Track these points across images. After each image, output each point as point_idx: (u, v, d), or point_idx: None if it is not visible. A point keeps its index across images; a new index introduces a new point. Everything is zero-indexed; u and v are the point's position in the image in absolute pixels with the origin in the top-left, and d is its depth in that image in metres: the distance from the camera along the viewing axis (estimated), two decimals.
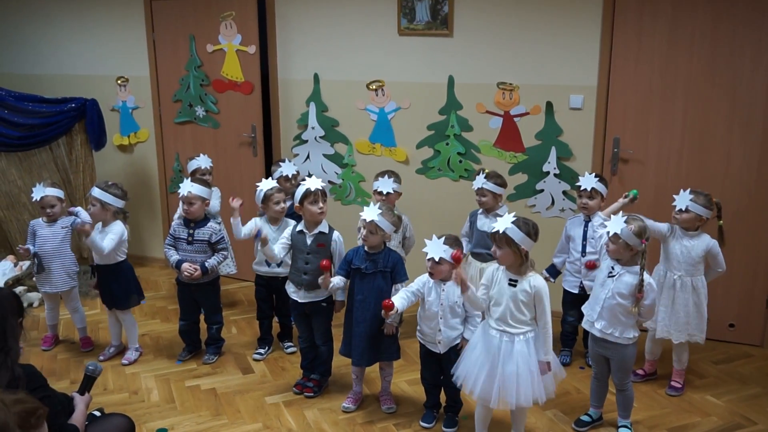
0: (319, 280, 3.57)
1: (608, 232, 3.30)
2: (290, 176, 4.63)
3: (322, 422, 3.69)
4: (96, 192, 4.13)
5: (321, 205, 3.74)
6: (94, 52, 6.01)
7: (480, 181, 4.18)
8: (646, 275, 3.23)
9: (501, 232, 3.06)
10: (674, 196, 3.80)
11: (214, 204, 4.78)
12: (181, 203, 4.19)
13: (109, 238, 4.10)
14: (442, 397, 3.66)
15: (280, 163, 4.78)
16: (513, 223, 3.06)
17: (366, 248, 3.60)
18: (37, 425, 2.07)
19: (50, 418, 2.44)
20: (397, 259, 3.62)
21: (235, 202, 4.05)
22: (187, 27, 5.54)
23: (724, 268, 3.85)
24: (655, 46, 4.39)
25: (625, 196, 3.96)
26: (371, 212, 3.50)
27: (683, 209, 3.74)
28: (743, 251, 4.44)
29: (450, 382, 3.43)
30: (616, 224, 3.27)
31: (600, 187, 4.06)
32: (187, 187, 4.10)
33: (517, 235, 3.05)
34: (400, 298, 3.37)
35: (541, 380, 3.17)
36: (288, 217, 4.26)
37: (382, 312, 3.32)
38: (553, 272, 4.30)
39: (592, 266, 3.94)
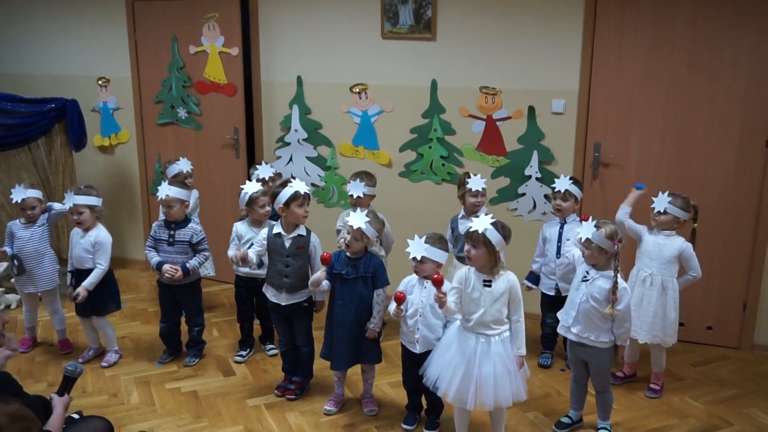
0: (318, 274, 3.53)
1: (581, 239, 3.34)
2: (267, 179, 4.59)
3: (303, 425, 3.69)
4: (81, 200, 4.11)
5: (306, 208, 3.75)
6: (75, 51, 5.96)
7: (482, 182, 4.20)
8: (620, 279, 3.26)
9: (480, 232, 3.08)
10: (653, 198, 3.85)
11: (192, 204, 4.74)
12: (161, 206, 4.17)
13: (100, 257, 4.13)
14: (425, 399, 3.67)
15: (257, 167, 4.75)
16: (492, 224, 3.09)
17: (348, 253, 3.59)
18: None
19: None
20: (379, 264, 3.62)
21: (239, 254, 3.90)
22: (169, 28, 5.52)
23: (699, 273, 3.86)
24: (636, 51, 4.44)
25: (636, 188, 4.01)
26: (358, 219, 3.48)
27: (661, 211, 3.80)
28: (721, 254, 4.50)
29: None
30: (587, 229, 3.30)
31: (574, 189, 4.11)
32: (165, 191, 4.07)
33: (494, 237, 3.08)
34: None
35: (519, 379, 3.19)
36: (271, 219, 4.25)
37: (393, 307, 3.32)
38: (534, 279, 4.33)
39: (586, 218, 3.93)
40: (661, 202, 3.81)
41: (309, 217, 3.83)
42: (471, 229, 3.12)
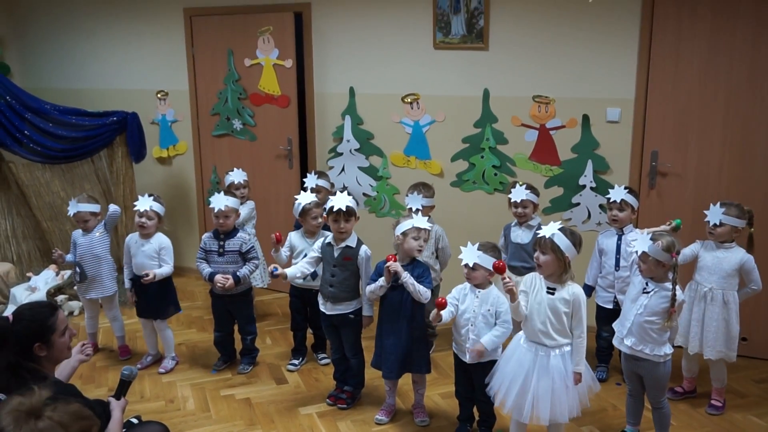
0: (432, 315, 3.40)
1: (637, 252, 3.26)
2: (310, 189, 4.57)
3: None
4: (157, 207, 4.27)
5: (342, 224, 3.72)
6: (135, 66, 6.15)
7: (523, 193, 4.17)
8: (678, 291, 3.17)
9: (547, 237, 3.07)
10: (705, 212, 3.74)
11: (244, 214, 4.82)
12: (215, 218, 4.19)
13: (166, 260, 4.29)
14: (477, 410, 3.64)
15: (308, 175, 4.80)
16: (560, 230, 3.08)
17: (398, 260, 3.60)
18: None
19: None
20: (425, 268, 3.60)
21: (272, 240, 4.08)
22: (225, 42, 5.64)
23: (759, 285, 3.73)
24: (694, 57, 4.33)
25: (669, 224, 3.80)
26: (421, 222, 3.51)
27: (717, 223, 3.68)
28: None
29: (481, 396, 3.43)
30: (643, 243, 3.21)
31: (630, 199, 4.01)
32: (223, 201, 4.14)
33: (563, 242, 3.06)
34: (447, 311, 3.35)
35: (576, 394, 3.14)
36: (324, 229, 4.28)
37: (434, 313, 3.29)
38: (588, 291, 4.23)
39: None
40: (715, 214, 3.69)
41: (359, 227, 3.86)
42: (539, 235, 3.13)
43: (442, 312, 3.27)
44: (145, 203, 4.24)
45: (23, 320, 2.63)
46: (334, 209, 3.68)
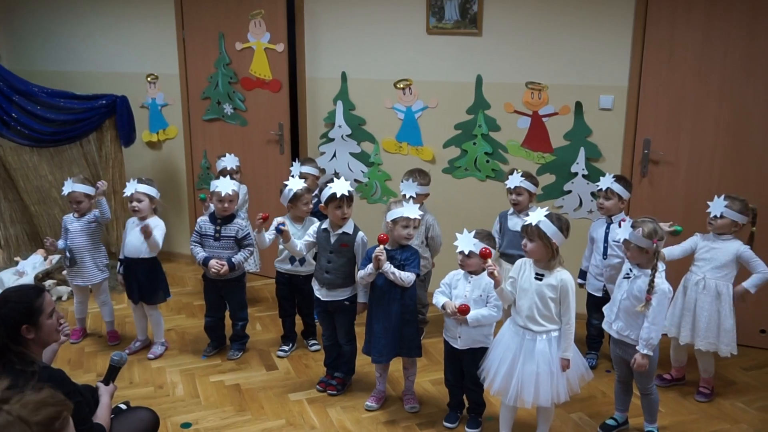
0: (376, 251, 3.47)
1: (619, 239, 3.27)
2: (298, 176, 4.54)
3: (345, 420, 3.69)
4: (142, 188, 4.22)
5: (345, 210, 3.72)
6: (124, 49, 6.08)
7: (517, 180, 4.17)
8: (660, 279, 3.17)
9: (533, 224, 3.07)
10: (708, 202, 3.73)
11: (240, 201, 4.78)
12: (218, 202, 4.13)
13: (158, 234, 4.19)
14: (466, 398, 3.64)
15: (293, 164, 4.75)
16: (546, 216, 3.08)
17: (388, 246, 3.59)
18: (63, 427, 1.97)
19: (79, 421, 2.44)
20: (412, 252, 3.60)
21: (258, 219, 3.94)
22: (216, 25, 5.58)
23: (767, 270, 3.70)
24: (689, 45, 4.31)
25: (670, 226, 3.65)
26: (413, 211, 3.49)
27: (718, 215, 3.68)
28: None
29: (471, 385, 3.45)
30: (625, 230, 3.23)
31: (617, 188, 3.99)
32: (230, 186, 4.11)
33: (549, 228, 3.06)
34: (440, 293, 3.40)
35: (563, 380, 3.15)
36: (312, 216, 4.26)
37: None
38: (584, 277, 4.25)
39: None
40: (717, 206, 3.69)
41: (352, 213, 3.83)
42: (525, 223, 3.13)
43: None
44: (130, 188, 4.21)
45: (9, 302, 2.60)
46: (337, 195, 3.65)
